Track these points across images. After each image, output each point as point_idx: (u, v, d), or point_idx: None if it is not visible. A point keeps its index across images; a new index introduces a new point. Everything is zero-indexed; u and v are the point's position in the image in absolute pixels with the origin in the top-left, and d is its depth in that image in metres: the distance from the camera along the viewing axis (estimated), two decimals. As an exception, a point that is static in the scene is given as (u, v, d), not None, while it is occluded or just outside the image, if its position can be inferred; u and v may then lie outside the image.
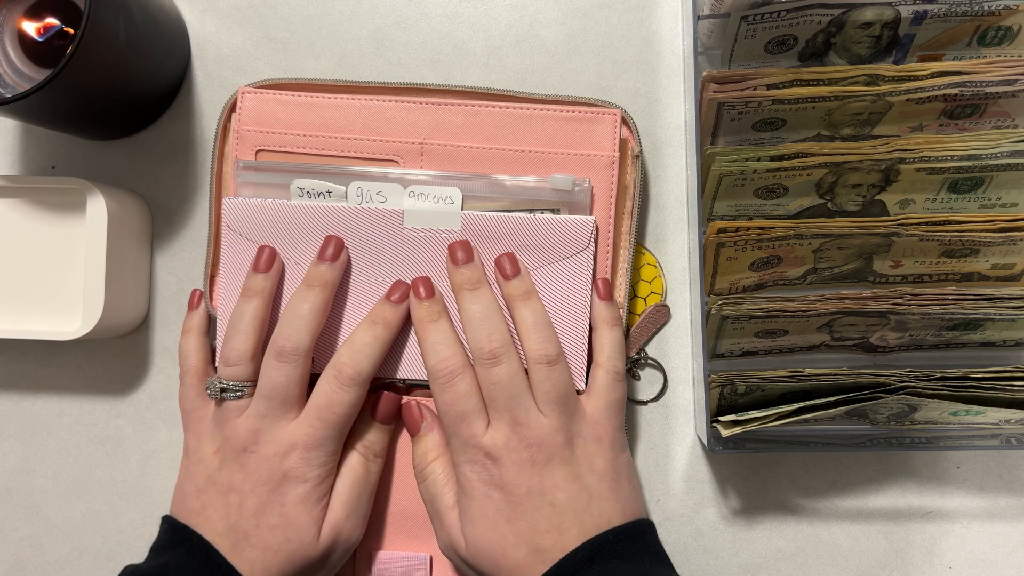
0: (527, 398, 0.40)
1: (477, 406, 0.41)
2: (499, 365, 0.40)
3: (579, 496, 0.39)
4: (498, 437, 0.40)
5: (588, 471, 0.40)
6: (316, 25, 0.50)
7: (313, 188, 0.45)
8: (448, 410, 0.41)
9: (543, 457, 0.39)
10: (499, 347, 0.41)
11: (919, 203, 0.44)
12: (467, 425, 0.40)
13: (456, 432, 0.41)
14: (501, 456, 0.40)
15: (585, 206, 0.45)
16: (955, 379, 0.42)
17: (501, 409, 0.40)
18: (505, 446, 0.40)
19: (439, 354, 0.41)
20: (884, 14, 0.42)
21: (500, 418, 0.40)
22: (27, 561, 0.50)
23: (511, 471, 0.39)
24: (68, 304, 0.47)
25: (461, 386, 0.41)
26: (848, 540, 0.48)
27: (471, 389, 0.41)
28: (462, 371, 0.41)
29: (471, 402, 0.41)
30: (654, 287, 0.49)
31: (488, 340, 0.41)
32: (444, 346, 0.42)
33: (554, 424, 0.40)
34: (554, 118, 0.45)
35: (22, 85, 0.43)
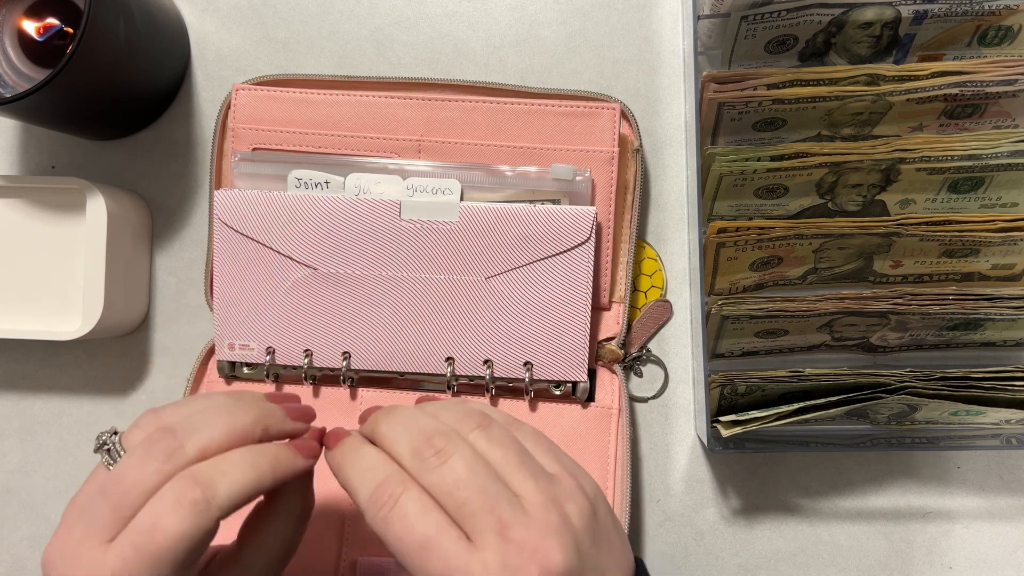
0: (500, 485, 0.31)
1: (442, 523, 0.30)
2: (450, 458, 0.31)
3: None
4: (490, 559, 0.29)
5: (590, 546, 0.31)
6: (316, 25, 0.50)
7: (311, 179, 0.45)
8: (407, 546, 0.29)
9: (550, 565, 0.29)
10: (440, 439, 0.31)
11: (919, 203, 0.44)
12: (440, 555, 0.29)
13: (430, 572, 0.29)
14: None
15: (586, 196, 0.45)
16: (955, 379, 0.42)
17: (479, 515, 0.29)
18: (504, 568, 0.29)
19: (370, 482, 0.31)
20: (884, 14, 0.42)
21: (482, 531, 0.29)
22: (27, 561, 0.50)
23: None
24: (68, 304, 0.47)
25: (410, 504, 0.30)
26: (848, 540, 0.48)
27: (425, 502, 0.30)
28: (404, 486, 0.30)
29: (433, 521, 0.30)
30: (654, 281, 0.49)
31: (422, 436, 0.31)
32: (373, 471, 0.31)
33: (542, 501, 0.30)
34: (553, 113, 0.45)
35: (22, 85, 0.43)
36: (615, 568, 0.31)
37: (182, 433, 0.31)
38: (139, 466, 0.31)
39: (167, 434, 0.31)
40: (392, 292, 0.45)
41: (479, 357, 0.45)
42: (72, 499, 0.32)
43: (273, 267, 0.45)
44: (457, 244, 0.44)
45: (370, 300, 0.45)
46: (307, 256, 0.45)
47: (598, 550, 0.31)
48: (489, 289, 0.44)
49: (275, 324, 0.46)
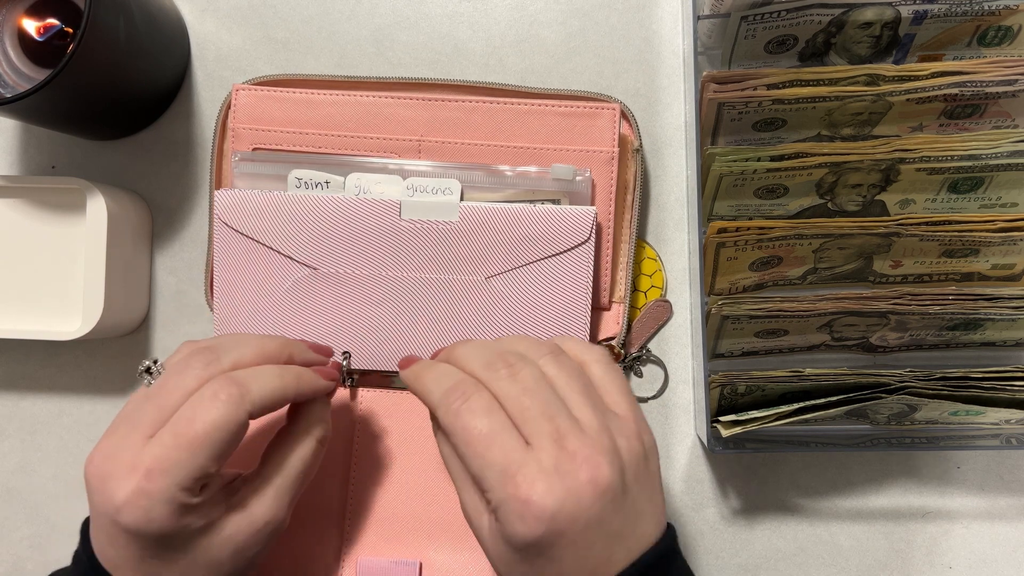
0: (562, 403, 0.33)
1: (506, 423, 0.32)
2: (519, 372, 0.33)
3: (628, 518, 0.32)
4: (544, 459, 0.31)
5: (634, 481, 0.32)
6: (316, 25, 0.50)
7: (311, 178, 0.45)
8: (471, 436, 0.32)
9: (603, 479, 0.31)
10: (512, 356, 0.34)
11: (919, 203, 0.44)
12: (500, 448, 0.31)
13: (488, 463, 0.31)
14: None
15: (586, 196, 0.45)
16: (955, 379, 0.42)
17: (539, 420, 0.32)
18: (556, 470, 0.31)
19: (444, 384, 0.34)
20: (884, 14, 0.42)
21: (540, 434, 0.32)
22: (27, 561, 0.50)
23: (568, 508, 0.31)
24: (68, 304, 0.47)
25: (479, 401, 0.33)
26: (848, 540, 0.48)
27: (493, 404, 0.33)
28: (476, 388, 0.33)
29: (498, 419, 0.32)
30: (654, 280, 0.49)
31: (496, 353, 0.34)
32: (448, 376, 0.34)
33: (598, 426, 0.32)
34: (552, 113, 0.45)
35: (22, 85, 0.43)
36: (651, 517, 0.33)
37: (219, 350, 0.36)
38: (181, 373, 0.35)
39: (205, 350, 0.36)
40: (392, 292, 0.45)
41: (479, 357, 0.45)
42: (117, 414, 0.36)
43: (273, 267, 0.45)
44: (457, 244, 0.44)
45: (370, 300, 0.45)
46: (307, 256, 0.45)
47: (640, 491, 0.33)
48: (489, 289, 0.44)
49: (275, 323, 0.46)
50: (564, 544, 0.31)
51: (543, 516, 0.30)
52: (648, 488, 0.33)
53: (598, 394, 0.34)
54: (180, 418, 0.33)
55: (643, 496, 0.33)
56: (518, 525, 0.31)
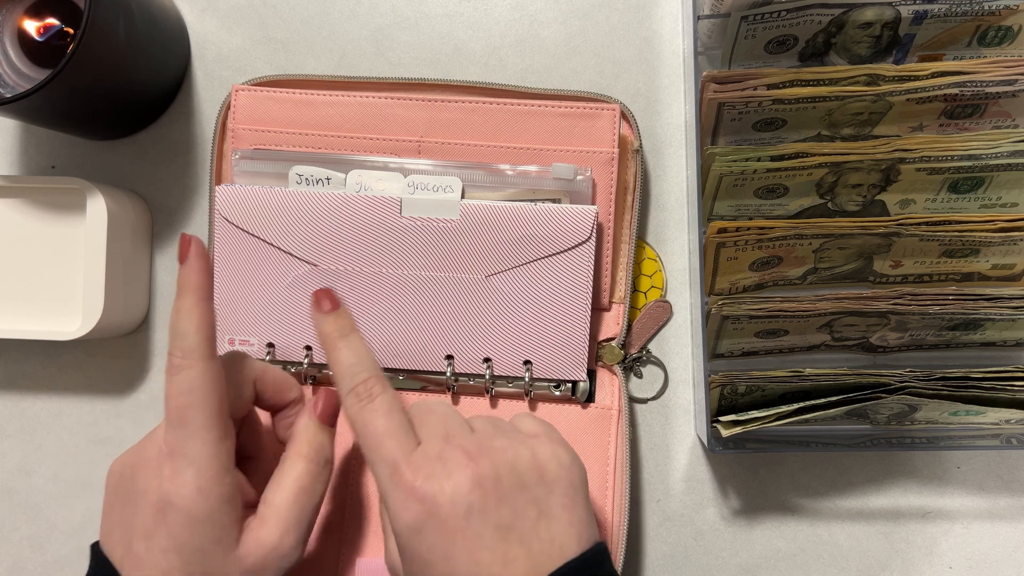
0: (462, 419, 0.36)
1: (403, 423, 0.34)
2: (429, 398, 0.37)
3: (526, 512, 0.32)
4: (429, 449, 0.33)
5: (537, 482, 0.33)
6: (316, 25, 0.50)
7: (312, 175, 0.45)
8: (370, 432, 0.34)
9: (484, 466, 0.32)
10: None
11: (919, 203, 0.44)
12: (393, 444, 0.33)
13: (380, 457, 0.33)
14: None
15: (587, 196, 0.45)
16: (955, 379, 0.42)
17: (432, 425, 0.35)
18: (439, 457, 0.33)
19: (356, 374, 0.36)
20: (884, 14, 0.42)
21: (431, 435, 0.34)
22: (27, 561, 0.50)
23: (446, 491, 0.32)
24: (68, 304, 0.47)
25: (383, 403, 0.35)
26: (848, 540, 0.48)
27: (395, 405, 0.35)
28: (383, 388, 0.35)
29: (396, 419, 0.34)
30: (654, 281, 0.49)
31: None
32: (362, 367, 0.36)
33: (491, 431, 0.35)
34: (552, 114, 0.45)
35: (22, 85, 0.43)
36: (566, 525, 0.33)
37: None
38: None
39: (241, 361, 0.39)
40: (392, 289, 0.45)
41: (479, 355, 0.45)
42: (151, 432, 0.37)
43: (274, 263, 0.45)
44: (458, 242, 0.44)
45: (370, 297, 0.45)
46: (307, 252, 0.45)
47: (547, 494, 0.33)
48: (489, 287, 0.44)
49: (275, 320, 0.46)
50: (448, 531, 0.31)
51: (424, 498, 0.31)
52: (562, 495, 0.33)
53: (508, 425, 0.36)
54: (168, 408, 0.35)
55: (554, 500, 0.33)
56: (402, 511, 0.32)
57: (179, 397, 0.34)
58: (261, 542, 0.35)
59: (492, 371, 0.45)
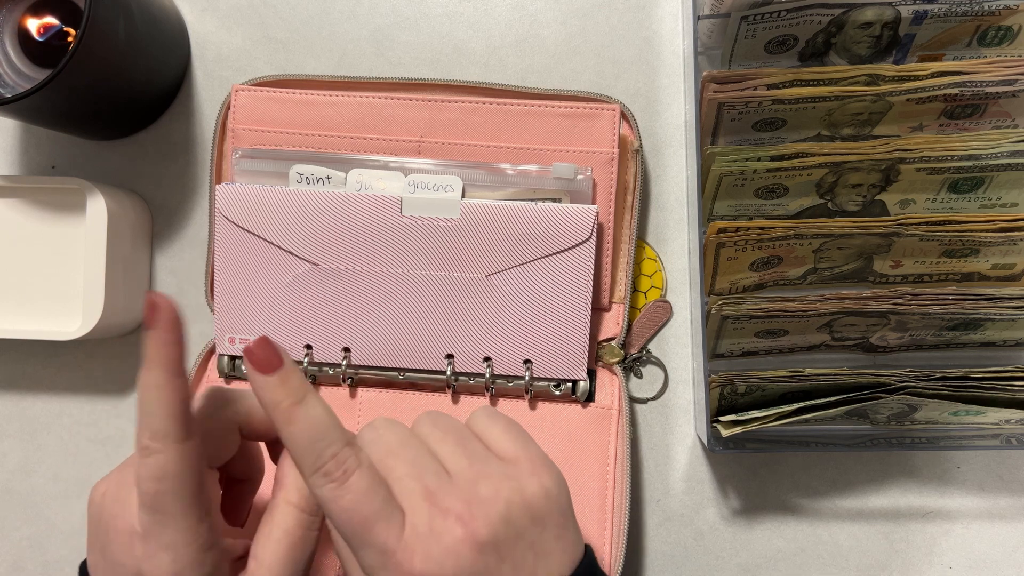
0: (432, 459, 0.32)
1: (388, 499, 0.30)
2: (384, 433, 0.32)
3: (523, 564, 0.31)
4: (418, 523, 0.30)
5: (530, 524, 0.31)
6: (316, 25, 0.50)
7: (312, 174, 0.45)
8: (352, 519, 0.30)
9: (481, 532, 0.30)
10: (379, 420, 0.33)
11: (919, 203, 0.44)
12: (383, 528, 0.30)
13: (367, 543, 0.30)
14: None
15: (587, 195, 0.45)
16: (955, 379, 0.42)
17: (405, 480, 0.31)
18: (431, 532, 0.30)
19: (320, 451, 0.30)
20: (884, 14, 0.42)
21: (410, 496, 0.30)
22: (27, 561, 0.50)
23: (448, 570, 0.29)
24: (68, 304, 0.47)
25: (362, 482, 0.30)
26: (848, 540, 0.48)
27: (376, 481, 0.31)
28: (357, 461, 0.31)
29: (379, 494, 0.30)
30: (654, 281, 0.49)
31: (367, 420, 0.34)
32: (322, 438, 0.31)
33: (472, 476, 0.31)
34: (552, 114, 0.45)
35: (22, 85, 0.43)
36: (559, 554, 0.32)
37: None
38: None
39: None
40: (393, 288, 0.45)
41: (479, 354, 0.45)
42: (128, 459, 0.34)
43: (274, 262, 0.45)
44: (458, 241, 0.44)
45: (371, 296, 0.45)
46: (308, 251, 0.45)
47: (541, 532, 0.31)
48: (490, 286, 0.44)
49: (276, 319, 0.46)
50: None
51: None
52: (554, 526, 0.32)
53: (478, 443, 0.33)
54: (139, 492, 0.31)
55: (547, 536, 0.31)
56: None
57: (151, 482, 0.30)
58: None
59: (492, 370, 0.45)
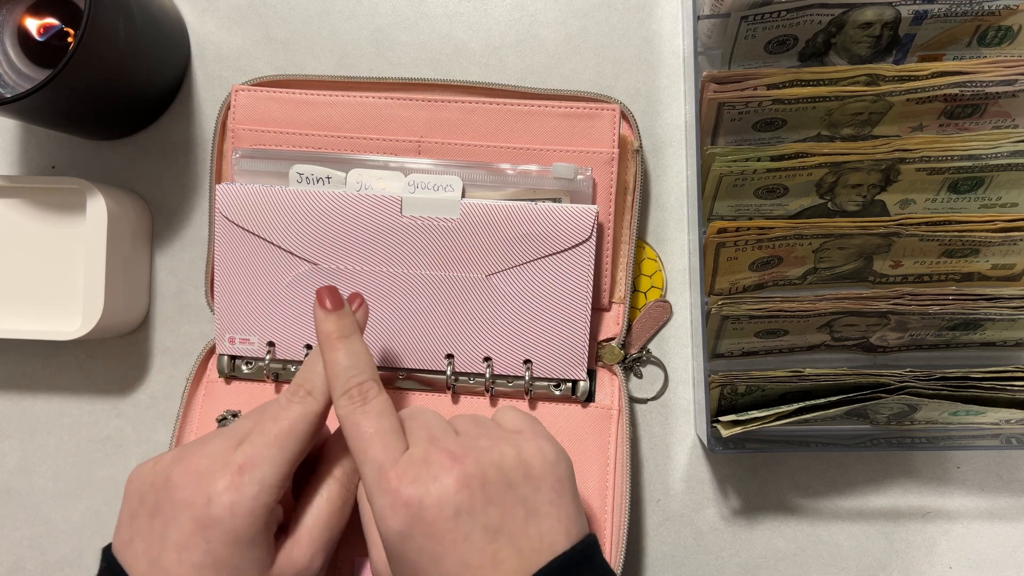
0: (447, 425, 0.36)
1: (393, 427, 0.35)
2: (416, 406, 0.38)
3: (514, 511, 0.32)
4: (415, 452, 0.33)
5: (523, 479, 0.33)
6: (316, 25, 0.50)
7: (312, 174, 0.45)
8: (358, 434, 0.35)
9: (469, 467, 0.32)
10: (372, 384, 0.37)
11: (919, 203, 0.44)
12: (381, 447, 0.34)
13: (367, 459, 0.34)
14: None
15: (587, 195, 0.45)
16: (955, 379, 0.42)
17: (417, 431, 0.35)
18: (424, 460, 0.33)
19: (351, 376, 0.36)
20: (884, 14, 0.42)
21: (418, 437, 0.34)
22: (27, 561, 0.50)
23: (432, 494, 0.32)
24: (68, 304, 0.47)
25: (375, 405, 0.35)
26: (848, 540, 0.48)
27: (387, 409, 0.36)
28: (377, 392, 0.36)
29: (386, 423, 0.35)
30: (654, 281, 0.49)
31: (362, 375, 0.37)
32: (358, 369, 0.36)
33: (475, 432, 0.35)
34: (552, 114, 0.45)
35: (22, 85, 0.43)
36: (553, 521, 0.33)
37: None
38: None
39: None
40: (393, 288, 0.45)
41: (479, 354, 0.45)
42: (194, 441, 0.37)
43: (274, 262, 0.45)
44: (458, 241, 0.44)
45: (370, 296, 0.45)
46: (308, 251, 0.45)
47: (534, 491, 0.33)
48: (490, 286, 0.44)
49: (276, 319, 0.46)
50: (437, 534, 0.31)
51: (410, 502, 0.31)
52: (549, 491, 0.33)
53: (492, 423, 0.37)
54: (263, 421, 0.36)
55: (541, 498, 0.33)
56: (388, 516, 0.32)
57: (295, 420, 0.36)
58: (294, 562, 0.36)
59: (492, 370, 0.45)
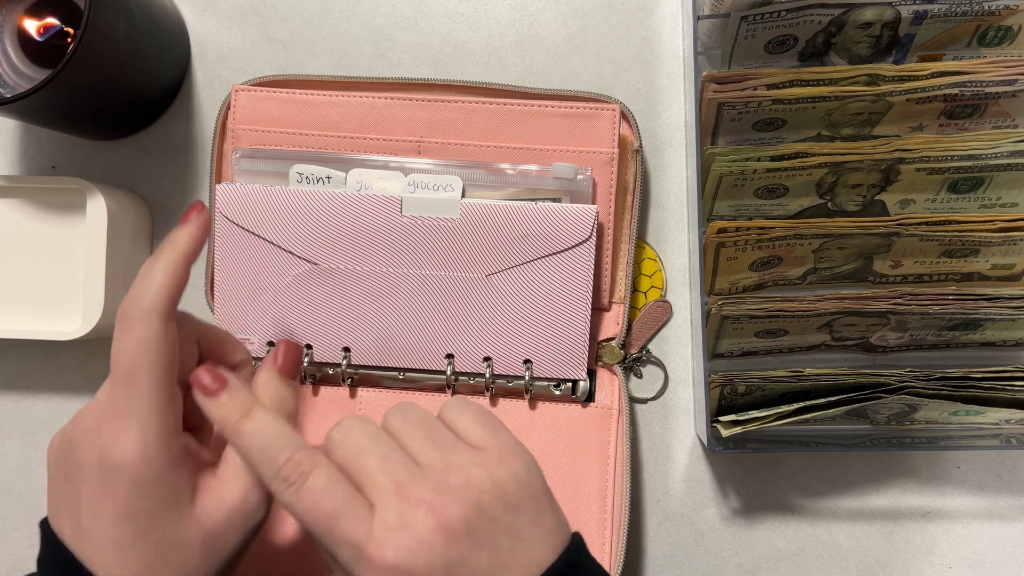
0: (402, 454, 0.32)
1: (348, 494, 0.31)
2: (353, 432, 0.33)
3: (500, 550, 0.31)
4: (388, 518, 0.30)
5: (502, 510, 0.31)
6: (316, 25, 0.50)
7: (312, 173, 0.45)
8: (316, 518, 0.31)
9: (450, 515, 0.30)
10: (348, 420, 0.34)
11: (919, 203, 0.44)
12: (347, 522, 0.30)
13: (338, 540, 0.30)
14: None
15: (587, 195, 0.45)
16: (955, 379, 0.42)
17: (377, 477, 0.31)
18: (402, 524, 0.30)
19: (276, 454, 0.32)
20: (884, 14, 0.42)
21: (381, 492, 0.31)
22: (27, 561, 0.50)
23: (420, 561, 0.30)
24: (68, 304, 0.47)
25: (319, 479, 0.31)
26: (848, 540, 0.48)
27: (332, 476, 0.32)
28: (312, 461, 0.32)
29: (340, 493, 0.31)
30: (654, 281, 0.49)
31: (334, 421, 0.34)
32: (279, 444, 0.32)
33: (442, 466, 0.32)
34: (552, 114, 0.45)
35: (22, 85, 0.43)
36: (538, 540, 0.32)
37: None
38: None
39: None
40: (393, 288, 0.45)
41: (479, 354, 0.45)
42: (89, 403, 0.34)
43: (274, 262, 0.45)
44: (458, 241, 0.44)
45: (371, 296, 0.45)
46: (308, 251, 0.45)
47: (515, 517, 0.32)
48: (489, 286, 0.44)
49: (275, 319, 0.46)
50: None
51: (399, 572, 0.29)
52: (529, 511, 0.32)
53: (448, 434, 0.34)
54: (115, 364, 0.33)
55: (522, 521, 0.32)
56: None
57: (129, 353, 0.32)
58: (222, 502, 0.33)
59: (492, 370, 0.45)
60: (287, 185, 0.45)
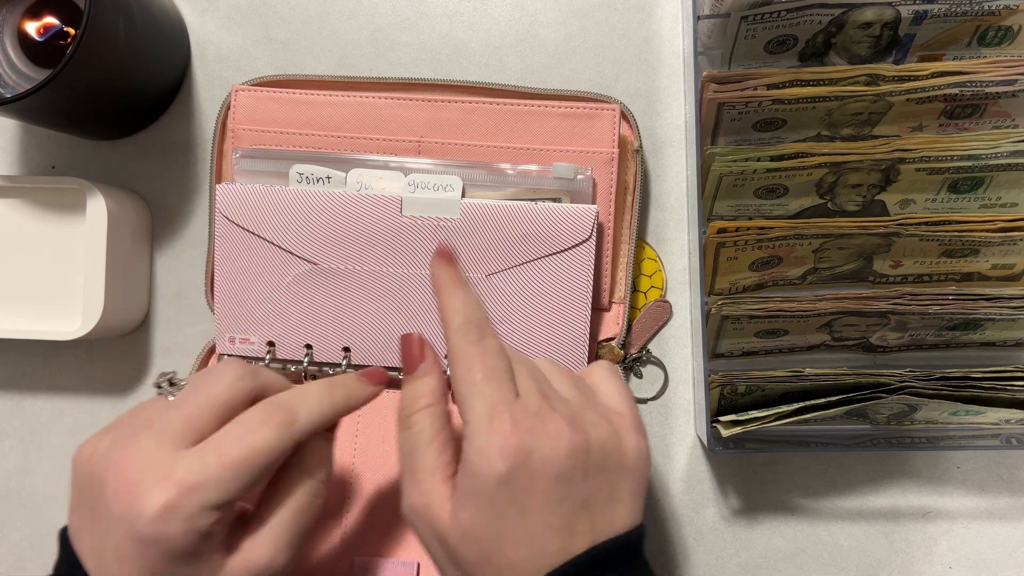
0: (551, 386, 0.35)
1: (508, 370, 0.33)
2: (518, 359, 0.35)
3: (601, 491, 0.32)
4: (531, 405, 0.32)
5: (616, 465, 0.33)
6: (316, 25, 0.50)
7: (312, 173, 0.45)
8: (474, 366, 0.33)
9: (579, 438, 0.32)
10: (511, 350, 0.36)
11: (919, 203, 0.44)
12: (496, 385, 0.32)
13: (479, 392, 0.32)
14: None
15: (587, 195, 0.45)
16: (955, 379, 0.42)
17: (529, 382, 0.33)
18: (539, 415, 0.32)
19: (470, 312, 0.35)
20: (884, 14, 0.42)
21: (529, 391, 0.33)
22: (27, 561, 0.50)
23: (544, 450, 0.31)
24: (68, 304, 0.47)
25: (494, 344, 0.34)
26: (848, 540, 0.48)
27: (503, 352, 0.34)
28: (494, 334, 0.34)
29: (503, 364, 0.33)
30: (654, 281, 0.49)
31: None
32: (475, 307, 0.35)
33: (584, 403, 0.34)
34: (552, 114, 0.45)
35: (22, 85, 0.43)
36: (627, 508, 0.33)
37: (257, 369, 0.35)
38: (211, 384, 0.34)
39: (241, 365, 0.35)
40: (393, 288, 0.45)
41: (479, 357, 0.45)
42: (122, 417, 0.35)
43: (274, 262, 0.45)
44: (458, 241, 0.44)
45: (371, 296, 0.45)
46: (308, 251, 0.45)
47: (621, 476, 0.33)
48: (490, 286, 0.44)
49: (276, 318, 0.46)
50: (535, 489, 0.31)
51: (521, 450, 0.31)
52: (634, 483, 0.33)
53: (592, 392, 0.35)
54: (225, 438, 0.32)
55: (625, 487, 0.33)
56: (495, 457, 0.31)
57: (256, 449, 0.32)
58: (250, 564, 0.33)
59: (492, 371, 0.45)
60: (287, 185, 0.45)
